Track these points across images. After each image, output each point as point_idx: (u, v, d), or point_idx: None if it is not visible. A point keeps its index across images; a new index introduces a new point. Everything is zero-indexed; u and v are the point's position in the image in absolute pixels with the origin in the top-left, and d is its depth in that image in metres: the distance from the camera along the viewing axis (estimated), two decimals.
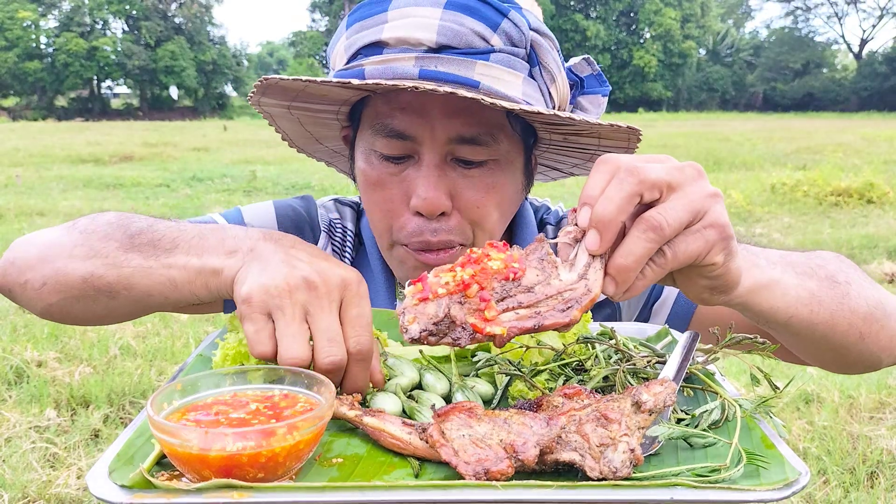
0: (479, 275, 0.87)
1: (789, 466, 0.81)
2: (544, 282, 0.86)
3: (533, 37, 1.21)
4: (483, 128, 1.22)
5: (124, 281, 1.12)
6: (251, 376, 0.95)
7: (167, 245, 1.12)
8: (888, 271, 7.18)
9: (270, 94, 1.26)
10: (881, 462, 3.73)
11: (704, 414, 0.91)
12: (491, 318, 0.84)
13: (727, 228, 0.87)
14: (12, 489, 3.38)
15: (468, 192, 1.25)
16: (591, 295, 0.84)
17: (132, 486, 0.76)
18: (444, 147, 1.23)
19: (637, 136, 1.24)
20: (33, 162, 17.21)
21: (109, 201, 11.93)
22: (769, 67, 68.21)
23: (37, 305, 1.22)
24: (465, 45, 1.16)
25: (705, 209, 0.86)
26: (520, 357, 1.09)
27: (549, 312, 0.84)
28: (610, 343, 1.10)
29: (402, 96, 1.22)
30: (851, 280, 1.16)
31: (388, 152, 1.25)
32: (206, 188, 13.62)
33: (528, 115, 1.22)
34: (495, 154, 1.25)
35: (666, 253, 0.85)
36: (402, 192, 1.26)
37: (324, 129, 1.44)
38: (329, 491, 0.75)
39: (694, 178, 0.87)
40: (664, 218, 0.83)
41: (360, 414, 0.92)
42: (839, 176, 12.50)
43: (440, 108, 1.21)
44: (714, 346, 1.08)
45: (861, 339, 1.16)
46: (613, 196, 0.83)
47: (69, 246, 1.18)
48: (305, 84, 1.18)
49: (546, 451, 0.81)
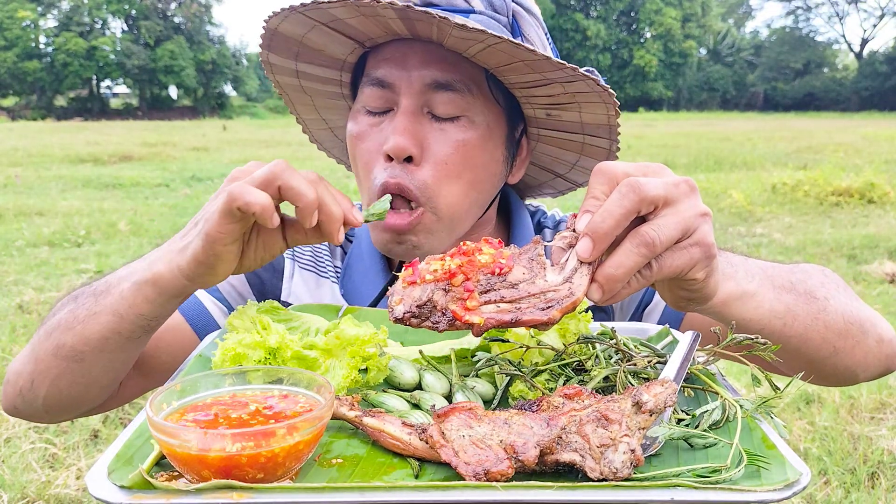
0: (466, 266, 0.90)
1: (790, 467, 0.80)
2: (530, 280, 0.89)
3: (515, 8, 1.27)
4: (458, 76, 1.26)
5: (80, 337, 1.16)
6: (250, 377, 0.95)
7: (103, 287, 1.17)
8: (889, 271, 7.17)
9: (276, 49, 1.32)
10: (882, 462, 3.73)
11: (705, 414, 0.91)
12: (472, 308, 0.87)
13: (712, 248, 0.91)
14: (11, 489, 3.38)
15: (437, 144, 1.27)
16: (573, 298, 0.86)
17: (131, 486, 0.76)
18: (419, 96, 1.26)
19: (612, 103, 1.25)
20: (32, 162, 17.21)
21: (108, 201, 11.93)
22: (770, 67, 68.22)
23: (37, 406, 1.26)
24: (446, 2, 1.23)
25: (694, 227, 0.89)
26: (520, 357, 1.09)
27: (528, 309, 0.86)
28: (610, 343, 1.10)
29: (386, 49, 1.29)
30: (830, 296, 1.18)
31: (371, 104, 1.30)
32: (205, 188, 13.62)
33: (503, 70, 1.24)
34: (469, 110, 1.27)
35: (652, 266, 0.88)
36: (378, 143, 1.28)
37: (336, 114, 1.50)
38: (329, 492, 0.75)
39: (687, 195, 0.90)
40: (657, 235, 0.86)
41: (359, 414, 0.91)
42: (840, 176, 12.51)
43: (418, 58, 1.26)
44: (715, 347, 1.08)
45: (835, 353, 1.18)
46: (613, 211, 0.85)
47: (38, 339, 1.25)
48: (301, 32, 1.25)
49: (546, 452, 0.81)
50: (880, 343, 1.24)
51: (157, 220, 10.22)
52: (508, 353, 1.08)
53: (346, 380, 1.04)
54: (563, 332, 1.13)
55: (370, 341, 1.07)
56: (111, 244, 8.77)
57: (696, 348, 1.08)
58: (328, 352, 1.08)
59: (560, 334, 1.13)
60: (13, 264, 7.65)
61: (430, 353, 1.15)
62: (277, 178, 0.97)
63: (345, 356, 1.06)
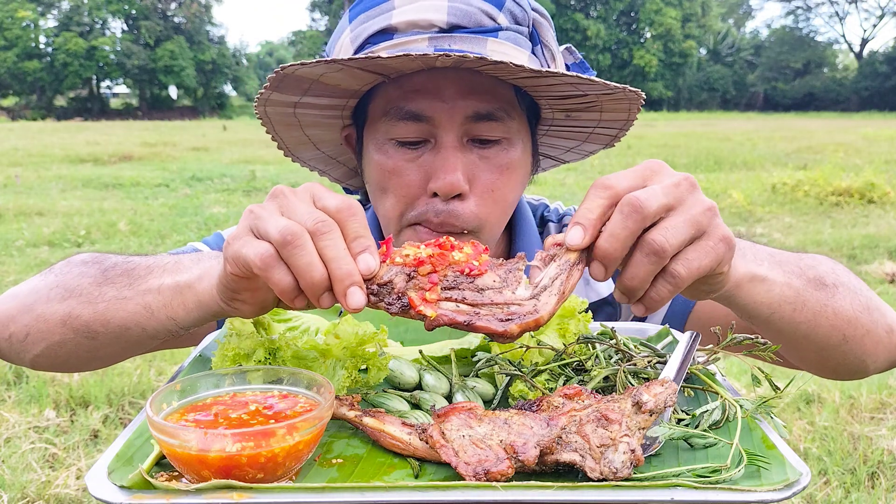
0: (437, 258, 0.89)
1: (790, 467, 0.80)
2: (497, 289, 0.88)
3: (534, 16, 1.27)
4: (497, 104, 1.24)
5: (100, 317, 1.10)
6: (250, 377, 0.95)
7: (142, 272, 1.10)
8: (889, 271, 7.17)
9: (284, 88, 1.22)
10: (882, 462, 3.73)
11: (705, 414, 0.91)
12: (430, 301, 0.86)
13: (732, 240, 0.90)
14: (11, 489, 3.38)
15: (484, 174, 1.26)
16: (536, 316, 0.84)
17: (131, 486, 0.76)
18: (460, 127, 1.24)
19: (637, 106, 1.27)
20: (32, 162, 17.21)
21: (108, 201, 11.93)
22: (770, 67, 68.21)
23: (25, 357, 1.21)
24: (474, 24, 1.20)
25: (706, 223, 0.88)
26: (520, 357, 1.09)
27: (487, 317, 0.85)
28: (610, 343, 1.10)
29: (415, 79, 1.23)
30: (840, 283, 1.17)
31: (405, 136, 1.25)
32: (205, 188, 13.62)
33: (539, 87, 1.25)
34: (508, 132, 1.27)
35: (680, 273, 0.86)
36: (420, 177, 1.25)
37: (324, 130, 1.43)
38: (329, 492, 0.75)
39: (689, 192, 0.89)
40: (666, 240, 0.84)
41: (359, 414, 0.91)
42: (840, 176, 12.51)
43: (454, 88, 1.22)
44: (715, 347, 1.08)
45: (844, 342, 1.16)
46: (619, 234, 0.85)
47: (45, 290, 1.18)
48: (323, 71, 1.15)
49: (546, 452, 0.81)
50: (890, 334, 1.23)
51: (157, 220, 10.22)
52: (508, 353, 1.08)
53: (346, 380, 1.04)
54: (563, 332, 1.13)
55: (370, 341, 1.07)
56: (111, 244, 8.77)
57: (696, 348, 1.08)
58: (328, 352, 1.08)
59: (560, 334, 1.13)
60: (13, 264, 7.66)
61: (430, 353, 1.15)
62: (287, 250, 0.85)
63: (345, 356, 1.06)
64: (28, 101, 53.93)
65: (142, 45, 55.40)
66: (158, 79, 56.22)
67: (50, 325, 1.15)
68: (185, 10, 57.42)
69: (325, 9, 66.00)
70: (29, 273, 7.24)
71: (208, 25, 60.28)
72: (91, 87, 57.16)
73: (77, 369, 1.24)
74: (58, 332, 1.14)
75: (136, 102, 60.17)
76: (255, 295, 0.94)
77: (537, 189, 11.81)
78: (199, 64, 57.02)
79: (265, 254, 0.85)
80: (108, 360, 1.21)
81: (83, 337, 1.13)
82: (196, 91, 59.03)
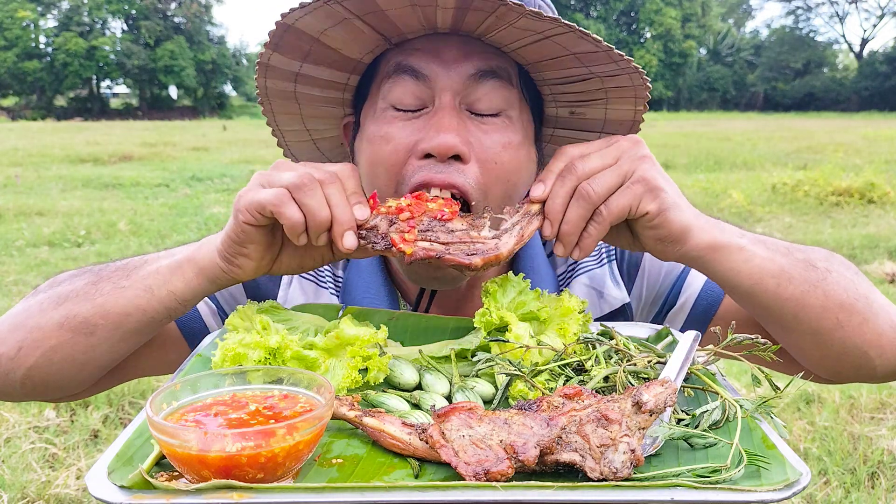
0: (414, 206, 1.07)
1: (790, 467, 0.80)
2: (465, 231, 1.05)
3: (539, 2, 1.26)
4: (500, 63, 1.20)
5: (99, 309, 1.15)
6: (251, 377, 0.95)
7: (137, 264, 1.19)
8: (889, 271, 7.17)
9: (284, 49, 1.17)
10: (882, 462, 3.73)
11: (705, 414, 0.91)
12: (408, 241, 1.03)
13: (652, 181, 1.04)
14: (11, 489, 3.38)
15: (485, 142, 1.19)
16: (497, 252, 1.03)
17: (131, 486, 0.76)
18: (460, 90, 1.19)
19: (643, 101, 1.21)
20: (32, 162, 17.20)
21: (108, 201, 11.92)
22: (770, 67, 68.20)
23: (16, 376, 1.20)
24: None
25: (632, 170, 1.04)
26: (520, 357, 1.09)
27: (455, 252, 1.02)
28: (610, 343, 1.10)
29: (417, 42, 1.19)
30: (832, 269, 1.17)
31: (403, 101, 1.20)
32: (205, 188, 13.62)
33: (543, 63, 1.19)
34: (508, 104, 1.21)
35: (602, 211, 1.05)
36: (410, 142, 1.19)
37: (324, 124, 1.39)
38: (329, 492, 0.75)
39: (628, 149, 1.06)
40: (591, 188, 1.04)
41: (359, 414, 0.92)
42: (840, 176, 12.50)
43: (457, 51, 1.18)
44: (715, 347, 1.08)
45: (839, 327, 1.15)
46: (558, 191, 1.06)
47: (36, 305, 1.20)
48: (325, 25, 1.11)
49: (546, 452, 0.81)
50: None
51: (157, 220, 10.22)
52: (508, 353, 1.08)
53: (346, 380, 1.04)
54: (563, 332, 1.13)
55: (370, 341, 1.07)
56: (111, 244, 8.77)
57: (696, 348, 1.08)
58: (328, 352, 1.08)
59: (560, 334, 1.13)
60: (13, 264, 7.65)
61: (430, 353, 1.15)
62: (300, 192, 1.02)
63: (345, 356, 1.06)
64: (28, 101, 53.94)
65: (142, 45, 55.39)
66: (158, 79, 56.22)
67: (45, 331, 1.17)
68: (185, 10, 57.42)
69: None
70: (29, 273, 7.24)
71: (208, 25, 60.27)
72: (91, 87, 57.16)
73: (70, 380, 1.22)
74: (54, 336, 1.16)
75: (136, 102, 60.16)
76: (258, 249, 1.08)
77: None
78: (199, 64, 57.00)
79: (280, 193, 1.02)
80: (105, 359, 1.21)
81: (81, 334, 1.15)
82: (196, 91, 59.02)
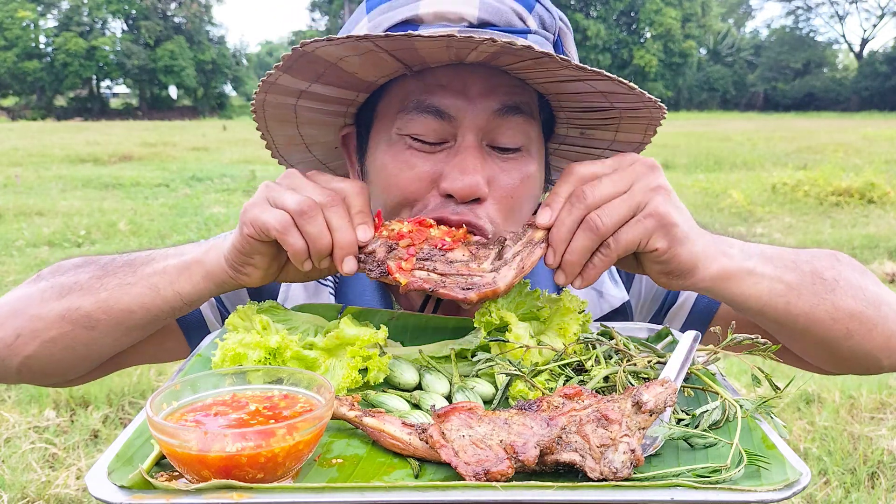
0: (415, 233, 1.05)
1: (790, 467, 0.80)
2: (465, 263, 1.02)
3: (560, 25, 1.23)
4: (525, 98, 1.18)
5: (102, 304, 1.15)
6: (251, 377, 0.95)
7: (143, 260, 1.18)
8: (889, 271, 7.18)
9: (297, 71, 1.10)
10: (882, 462, 3.73)
11: (705, 414, 0.91)
12: (405, 269, 1.01)
13: (665, 217, 0.98)
14: (11, 489, 3.38)
15: (504, 179, 1.18)
16: (494, 287, 0.99)
17: (131, 486, 0.76)
18: (484, 127, 1.16)
19: (654, 128, 1.21)
20: (32, 162, 17.21)
21: (108, 201, 11.92)
22: (770, 67, 68.18)
23: (12, 362, 1.20)
24: (504, 22, 1.14)
25: (645, 201, 0.98)
26: (520, 357, 1.09)
27: (451, 285, 1.00)
28: (610, 343, 1.10)
29: (439, 74, 1.15)
30: (840, 277, 1.16)
31: (422, 134, 1.15)
32: (205, 188, 13.62)
33: (563, 95, 1.20)
34: (528, 138, 1.20)
35: (610, 244, 0.99)
36: (431, 174, 1.16)
37: (319, 129, 1.34)
38: (329, 492, 0.75)
39: (642, 176, 0.99)
40: (600, 219, 0.98)
41: (359, 414, 0.91)
42: (840, 176, 12.51)
43: (482, 85, 1.15)
44: (715, 347, 1.08)
45: (849, 336, 1.15)
46: (565, 220, 1.00)
47: (37, 293, 1.19)
48: (346, 53, 1.05)
49: (546, 452, 0.81)
50: None
51: (157, 220, 10.22)
52: (508, 353, 1.08)
53: (346, 380, 1.04)
54: (563, 332, 1.13)
55: (370, 341, 1.07)
56: (111, 244, 8.77)
57: (696, 348, 1.08)
58: (328, 352, 1.08)
59: (560, 334, 1.13)
60: (13, 264, 7.66)
61: (430, 353, 1.15)
62: (302, 219, 1.01)
63: (345, 356, 1.06)
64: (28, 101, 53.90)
65: (142, 45, 55.36)
66: (158, 79, 56.18)
67: (46, 322, 1.16)
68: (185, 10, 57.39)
69: (325, 9, 66.03)
70: (29, 273, 7.24)
71: (208, 25, 60.25)
72: (91, 87, 57.13)
73: (67, 370, 1.22)
74: (55, 328, 1.16)
75: (136, 102, 60.13)
76: (265, 260, 1.08)
77: None
78: (199, 64, 56.97)
79: (283, 220, 1.01)
80: (104, 353, 1.21)
81: (82, 328, 1.15)
82: (196, 91, 58.98)
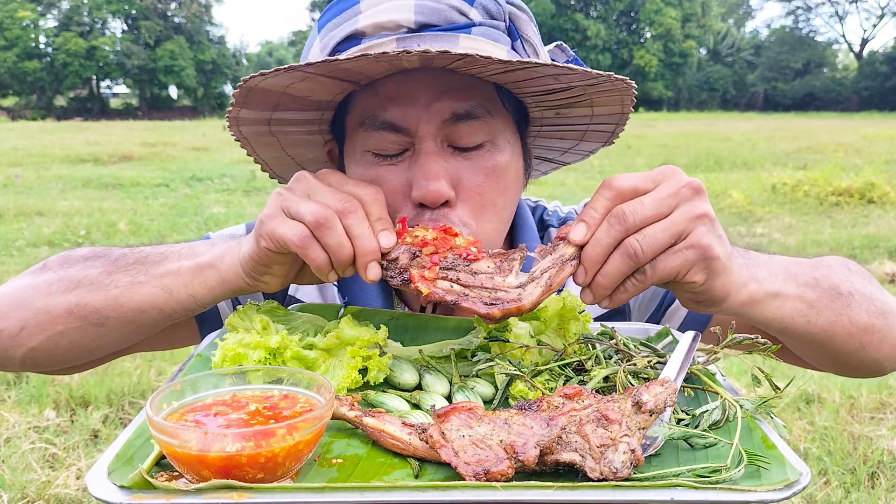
0: (440, 241, 1.02)
1: (790, 467, 0.80)
2: (490, 275, 0.98)
3: (510, 10, 1.20)
4: (476, 101, 1.18)
5: (112, 302, 1.13)
6: (251, 377, 0.95)
7: (156, 259, 1.16)
8: (889, 271, 7.18)
9: (252, 104, 1.14)
10: (882, 462, 3.72)
11: (705, 414, 0.91)
12: (428, 278, 0.99)
13: (708, 251, 0.93)
14: (11, 489, 3.38)
15: (469, 176, 1.18)
16: (519, 304, 0.94)
17: (131, 486, 0.76)
18: (439, 131, 1.17)
19: (630, 97, 1.20)
20: (32, 162, 17.20)
21: (108, 201, 11.92)
22: (770, 67, 68.18)
23: (16, 354, 1.18)
24: (444, 21, 1.13)
25: (688, 231, 0.93)
26: (520, 357, 1.09)
27: (474, 298, 0.96)
28: (610, 343, 1.10)
29: (388, 85, 1.16)
30: (855, 290, 1.17)
31: (383, 148, 1.18)
32: (205, 188, 13.61)
33: (520, 82, 1.19)
34: (491, 133, 1.20)
35: (646, 271, 0.94)
36: (402, 186, 1.19)
37: (305, 148, 1.37)
38: (329, 492, 0.75)
39: (686, 200, 0.94)
40: (640, 245, 0.92)
41: (359, 415, 0.92)
42: (840, 176, 12.50)
43: (430, 91, 1.15)
44: (715, 347, 1.08)
45: (861, 349, 1.18)
46: (602, 240, 0.94)
47: (44, 285, 1.18)
48: (287, 81, 1.08)
49: (546, 452, 0.81)
50: None
51: (157, 220, 10.22)
52: (508, 353, 1.08)
53: (346, 380, 1.04)
54: (564, 332, 1.13)
55: (370, 341, 1.07)
56: (111, 244, 8.75)
57: (696, 348, 1.08)
58: (328, 352, 1.08)
59: (560, 334, 1.13)
60: (13, 264, 7.65)
61: (430, 353, 1.15)
62: (321, 231, 0.99)
63: (345, 356, 1.06)
64: (28, 101, 53.91)
65: (142, 45, 55.36)
66: (158, 79, 56.18)
67: (53, 315, 1.15)
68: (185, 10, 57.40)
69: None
70: None
71: (208, 25, 60.26)
72: (91, 87, 57.12)
73: (73, 362, 1.22)
74: (61, 322, 1.15)
75: (136, 102, 60.14)
76: (283, 268, 1.07)
77: (538, 189, 11.80)
78: (199, 64, 56.98)
79: (302, 234, 0.99)
80: (111, 349, 1.21)
81: (91, 324, 1.14)
82: (196, 91, 58.99)
